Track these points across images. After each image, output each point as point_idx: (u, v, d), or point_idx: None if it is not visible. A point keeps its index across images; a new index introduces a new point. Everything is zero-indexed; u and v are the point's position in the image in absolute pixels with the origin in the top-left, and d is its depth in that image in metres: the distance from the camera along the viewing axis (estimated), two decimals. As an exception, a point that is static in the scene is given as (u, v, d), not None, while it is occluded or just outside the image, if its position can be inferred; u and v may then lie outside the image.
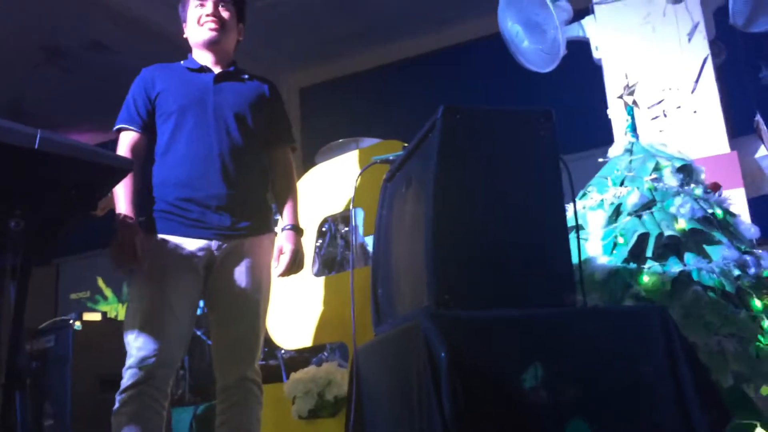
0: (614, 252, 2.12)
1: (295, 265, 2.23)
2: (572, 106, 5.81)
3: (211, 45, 2.24)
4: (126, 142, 2.17)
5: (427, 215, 1.47)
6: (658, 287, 1.98)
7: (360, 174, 2.02)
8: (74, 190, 1.69)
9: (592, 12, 3.69)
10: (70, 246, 8.41)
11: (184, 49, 2.35)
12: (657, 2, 3.45)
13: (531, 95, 5.95)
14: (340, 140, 3.82)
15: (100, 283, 9.02)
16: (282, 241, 2.24)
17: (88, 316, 3.35)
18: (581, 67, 3.75)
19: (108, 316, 3.70)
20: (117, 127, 2.20)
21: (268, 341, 3.20)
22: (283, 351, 3.73)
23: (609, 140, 3.50)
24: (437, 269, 1.44)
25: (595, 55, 3.66)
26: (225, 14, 2.25)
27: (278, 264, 2.22)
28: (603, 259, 2.13)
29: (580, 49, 3.73)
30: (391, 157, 1.96)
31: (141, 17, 6.57)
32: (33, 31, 6.73)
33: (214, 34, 2.23)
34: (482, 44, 6.78)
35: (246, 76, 2.30)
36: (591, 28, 3.65)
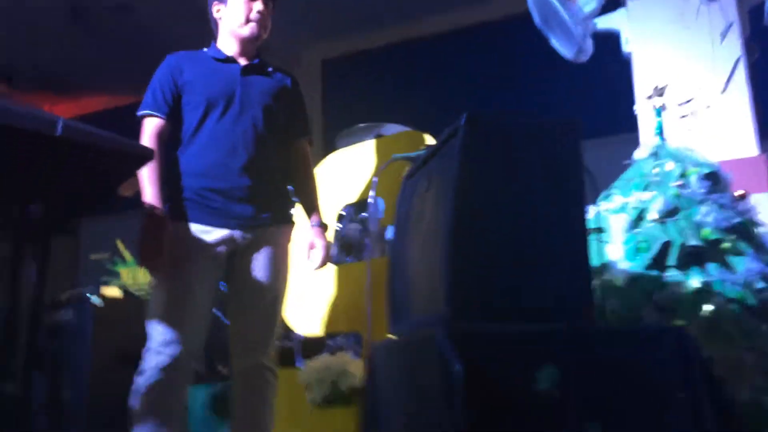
0: (636, 258, 2.09)
1: (327, 258, 2.29)
2: (599, 89, 5.74)
3: (251, 41, 2.25)
4: (151, 128, 2.18)
5: (447, 222, 1.46)
6: (680, 297, 1.95)
7: (380, 171, 2.01)
8: (95, 177, 1.71)
9: (624, 5, 3.60)
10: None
11: (206, 12, 2.33)
12: (691, 1, 3.35)
13: (558, 74, 5.87)
14: (362, 125, 3.78)
15: (120, 245, 9.11)
16: (312, 237, 2.29)
17: (109, 291, 3.39)
18: (609, 51, 3.68)
19: (127, 287, 3.73)
20: (142, 113, 2.20)
21: (284, 324, 3.23)
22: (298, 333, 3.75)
23: (633, 127, 3.45)
24: (454, 277, 1.44)
25: (625, 48, 3.57)
26: (269, 14, 2.27)
27: (311, 258, 2.28)
28: (624, 265, 2.10)
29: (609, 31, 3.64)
30: (412, 156, 1.94)
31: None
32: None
33: (258, 32, 2.24)
34: (512, 22, 6.68)
35: (270, 69, 2.30)
36: (622, 20, 3.56)
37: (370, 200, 2.03)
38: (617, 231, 2.20)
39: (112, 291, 3.49)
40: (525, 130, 1.53)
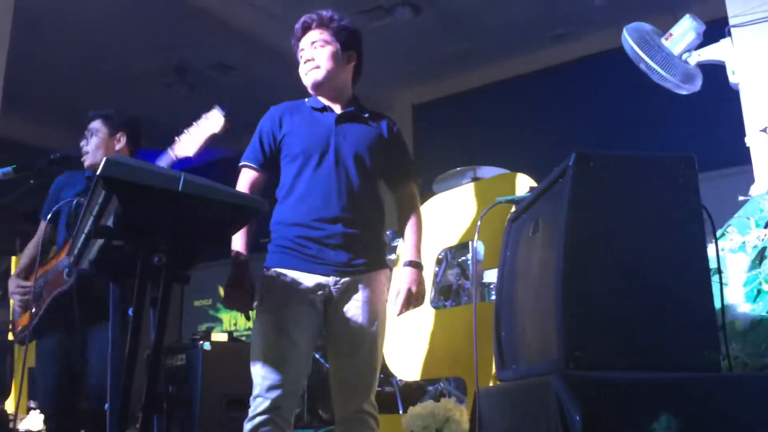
0: (758, 300, 1.97)
1: (411, 303, 2.24)
2: (704, 121, 5.51)
3: (316, 88, 2.31)
4: (246, 178, 2.30)
5: (558, 266, 1.43)
6: (810, 342, 1.81)
7: (483, 214, 2.00)
8: (211, 227, 1.79)
9: (729, 34, 3.47)
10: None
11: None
12: (804, 24, 3.19)
13: (655, 110, 5.68)
14: (458, 168, 3.81)
15: (221, 291, 9.43)
16: (401, 277, 2.26)
17: (216, 337, 3.51)
18: (714, 82, 3.54)
19: (233, 334, 3.86)
20: (241, 163, 2.32)
21: (384, 368, 3.23)
22: (398, 378, 3.74)
23: (743, 159, 3.28)
24: (567, 323, 1.40)
25: (732, 79, 3.42)
26: (324, 52, 2.29)
27: (396, 301, 2.24)
28: (745, 307, 1.98)
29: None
30: (516, 198, 1.93)
31: (264, 39, 6.90)
32: (165, 51, 7.22)
33: (314, 78, 2.29)
34: (609, 56, 6.55)
35: (367, 115, 2.35)
36: (726, 51, 3.43)
37: (473, 244, 2.01)
38: (737, 272, 2.08)
39: (219, 336, 3.61)
40: (638, 168, 1.48)
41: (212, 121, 2.61)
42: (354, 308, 2.20)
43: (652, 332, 1.44)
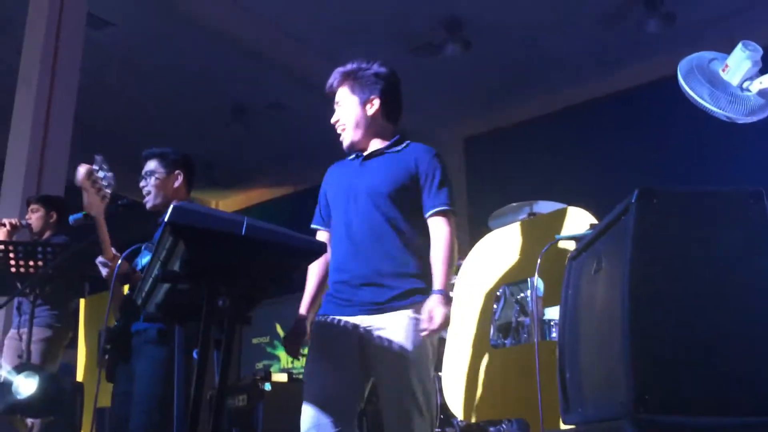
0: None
1: (435, 328, 2.17)
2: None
3: (350, 148, 2.41)
4: (322, 239, 2.44)
5: (624, 306, 1.40)
6: None
7: (543, 251, 1.97)
8: (272, 269, 1.82)
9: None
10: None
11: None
12: None
13: (717, 139, 5.51)
14: (514, 204, 3.79)
15: (279, 329, 9.54)
16: (428, 304, 2.20)
17: (276, 377, 3.54)
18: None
19: (293, 374, 3.88)
20: (312, 227, 2.49)
21: (445, 409, 3.18)
22: (459, 419, 3.67)
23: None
24: (636, 365, 1.36)
25: (797, 106, 3.31)
26: (342, 111, 2.40)
27: (423, 325, 2.20)
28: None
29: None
30: (576, 236, 1.90)
31: (317, 79, 7.05)
32: (223, 93, 7.46)
33: (343, 141, 2.40)
34: (659, 86, 6.43)
35: (397, 149, 2.36)
36: (791, 76, 3.32)
37: (535, 281, 1.99)
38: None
39: (279, 376, 3.64)
40: (704, 203, 1.45)
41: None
42: (387, 343, 2.20)
43: (725, 374, 1.38)
